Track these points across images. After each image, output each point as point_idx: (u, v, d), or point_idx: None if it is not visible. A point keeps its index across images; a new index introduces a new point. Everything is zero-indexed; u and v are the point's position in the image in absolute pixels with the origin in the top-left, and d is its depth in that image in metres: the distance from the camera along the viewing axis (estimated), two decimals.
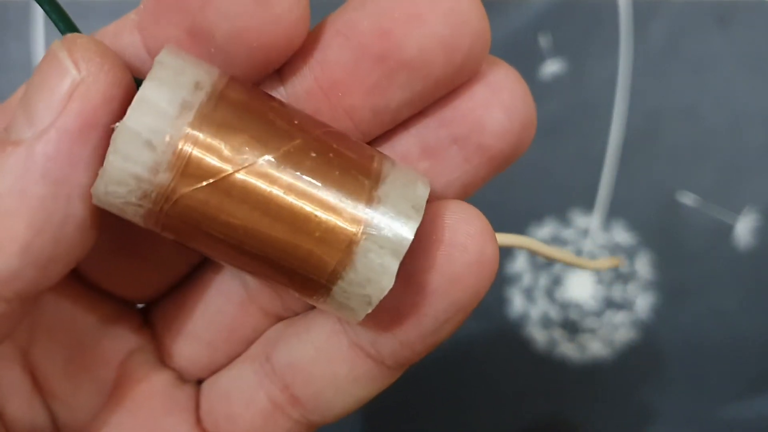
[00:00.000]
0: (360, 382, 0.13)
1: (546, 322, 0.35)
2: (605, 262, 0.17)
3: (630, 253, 0.35)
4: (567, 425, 0.35)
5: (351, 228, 0.11)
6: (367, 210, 0.11)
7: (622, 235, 0.35)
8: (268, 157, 0.11)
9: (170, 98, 0.11)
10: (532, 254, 0.16)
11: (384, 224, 0.11)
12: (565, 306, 0.35)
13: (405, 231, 0.11)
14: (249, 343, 0.15)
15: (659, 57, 0.35)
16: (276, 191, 0.11)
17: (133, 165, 0.11)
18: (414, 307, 0.12)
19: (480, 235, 0.12)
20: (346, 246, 0.11)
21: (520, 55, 0.34)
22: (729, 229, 0.34)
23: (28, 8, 0.33)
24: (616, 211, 0.35)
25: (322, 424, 0.15)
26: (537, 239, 0.35)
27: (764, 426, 0.35)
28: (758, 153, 0.35)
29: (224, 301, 0.15)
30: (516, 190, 0.34)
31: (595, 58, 0.34)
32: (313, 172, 0.11)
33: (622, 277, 0.35)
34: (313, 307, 0.14)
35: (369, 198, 0.11)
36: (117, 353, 0.16)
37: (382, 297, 0.11)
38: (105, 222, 0.12)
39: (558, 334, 0.35)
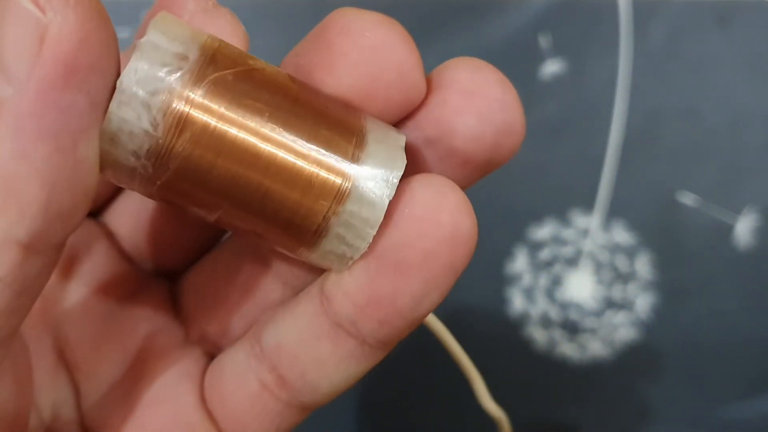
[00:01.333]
0: (344, 362, 0.13)
1: (546, 322, 0.35)
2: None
3: (630, 253, 0.35)
4: (567, 425, 0.35)
5: (344, 166, 0.11)
6: (358, 151, 0.11)
7: (622, 235, 0.35)
8: (264, 106, 0.11)
9: (170, 47, 0.11)
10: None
11: (376, 160, 0.11)
12: (565, 306, 0.35)
13: (396, 164, 0.11)
14: None
15: (659, 57, 0.35)
16: (272, 136, 0.11)
17: (135, 111, 0.11)
18: (390, 284, 0.12)
19: (454, 209, 0.12)
20: (339, 185, 0.11)
21: (520, 55, 0.34)
22: (729, 229, 0.34)
23: None
24: (616, 211, 0.35)
25: (313, 405, 0.15)
26: (537, 239, 0.35)
27: (765, 426, 0.35)
28: (758, 153, 0.35)
29: (248, 276, 0.16)
30: (516, 190, 0.34)
31: (595, 58, 0.34)
32: (306, 120, 0.11)
33: (622, 277, 0.35)
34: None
35: (358, 140, 0.12)
36: (143, 326, 0.16)
37: (377, 226, 0.11)
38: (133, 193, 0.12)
39: (558, 334, 0.35)
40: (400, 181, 0.12)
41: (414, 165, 0.13)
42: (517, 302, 0.35)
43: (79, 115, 0.10)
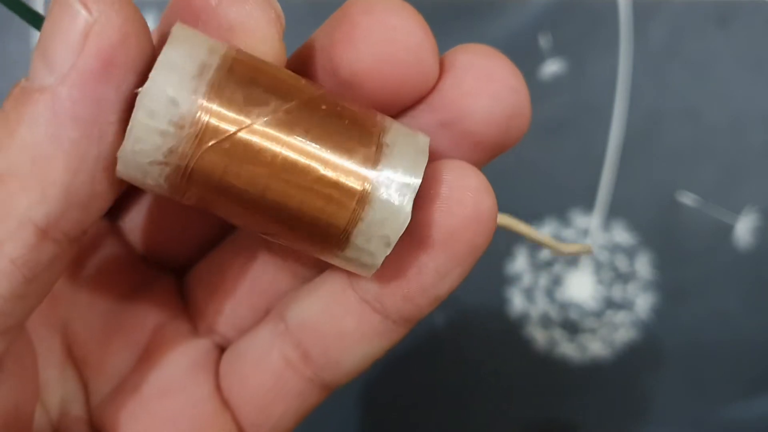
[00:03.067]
0: (367, 338, 0.14)
1: (546, 322, 0.35)
2: (576, 247, 0.18)
3: (630, 253, 0.35)
4: (567, 425, 0.35)
5: (365, 173, 0.12)
6: (379, 156, 0.12)
7: (622, 235, 0.35)
8: (284, 114, 0.11)
9: (190, 59, 0.11)
10: (508, 230, 0.17)
11: (396, 167, 0.11)
12: (565, 306, 0.35)
13: (416, 170, 0.11)
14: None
15: (659, 57, 0.35)
16: (294, 143, 0.11)
17: (159, 121, 0.11)
18: (415, 261, 0.13)
19: (477, 190, 0.12)
20: (361, 191, 0.11)
21: (520, 55, 0.34)
22: (729, 229, 0.34)
23: (30, 5, 0.33)
24: (616, 211, 0.35)
25: (334, 384, 0.15)
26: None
27: (765, 427, 0.35)
28: (758, 153, 0.35)
29: (257, 268, 0.16)
30: (516, 190, 0.34)
31: (595, 58, 0.34)
32: (326, 127, 0.12)
33: (622, 277, 0.35)
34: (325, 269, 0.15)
35: (378, 146, 0.12)
36: (151, 319, 0.16)
37: (401, 233, 0.12)
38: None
39: (558, 334, 0.35)
40: (426, 164, 0.12)
41: (431, 148, 0.13)
42: (517, 302, 0.35)
43: (110, 108, 0.11)
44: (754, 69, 0.35)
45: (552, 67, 0.34)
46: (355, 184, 0.12)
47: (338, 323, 0.14)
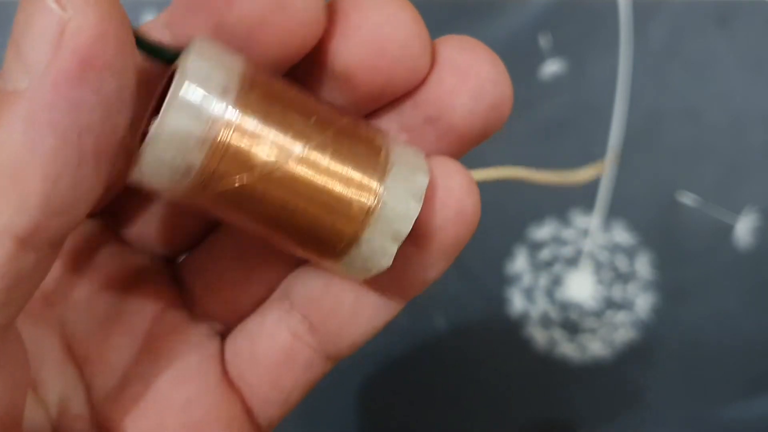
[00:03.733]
0: (367, 312, 0.15)
1: (546, 322, 0.35)
2: (587, 172, 0.18)
3: (630, 253, 0.35)
4: (567, 425, 0.35)
5: (376, 187, 0.12)
6: (382, 171, 0.12)
7: (622, 235, 0.35)
8: (300, 147, 0.12)
9: (211, 74, 0.11)
10: (516, 181, 0.17)
11: (400, 180, 0.12)
12: (565, 306, 0.35)
13: (418, 181, 0.12)
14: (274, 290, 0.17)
15: (659, 57, 0.35)
16: (309, 175, 0.12)
17: (185, 131, 0.11)
18: (402, 253, 0.13)
19: (461, 188, 0.13)
20: (369, 206, 0.12)
21: (521, 55, 0.34)
22: (729, 229, 0.34)
23: None
24: (616, 212, 0.35)
25: (339, 355, 0.16)
26: (537, 239, 0.35)
27: (765, 427, 0.35)
28: (758, 153, 0.35)
29: (254, 253, 0.16)
30: (516, 190, 0.35)
31: (595, 58, 0.35)
32: (336, 143, 0.12)
33: (622, 277, 0.35)
34: None
35: (383, 161, 0.12)
36: (149, 309, 0.16)
37: (401, 240, 0.12)
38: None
39: (558, 334, 0.35)
40: None
41: (414, 142, 0.14)
42: (517, 302, 0.35)
43: (88, 111, 0.11)
44: (754, 69, 0.35)
45: (552, 67, 0.35)
46: (366, 200, 0.12)
47: (342, 299, 0.15)
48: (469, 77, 0.13)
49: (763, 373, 0.35)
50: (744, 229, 0.34)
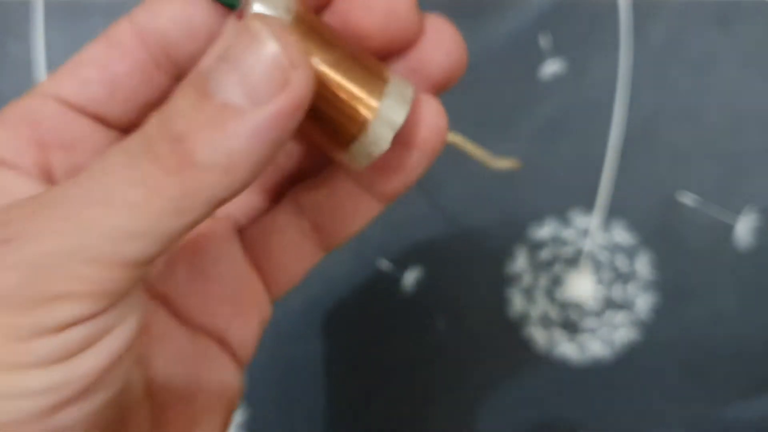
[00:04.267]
0: (361, 211, 0.19)
1: (546, 322, 0.35)
2: (504, 162, 0.23)
3: (630, 253, 0.35)
4: (567, 425, 0.35)
5: (374, 102, 0.17)
6: (383, 83, 0.17)
7: (622, 235, 0.35)
8: (330, 56, 0.16)
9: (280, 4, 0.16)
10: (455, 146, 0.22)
11: (395, 91, 0.17)
12: (565, 306, 0.35)
13: (405, 103, 0.17)
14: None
15: (659, 57, 0.35)
16: (334, 76, 0.16)
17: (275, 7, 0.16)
18: (397, 154, 0.18)
19: (437, 109, 0.18)
20: (370, 110, 0.17)
21: (521, 55, 0.35)
22: (729, 229, 0.35)
23: (28, 8, 0.33)
24: (616, 211, 0.35)
25: (336, 246, 0.20)
26: (537, 239, 0.35)
27: (765, 427, 0.35)
28: (758, 153, 0.35)
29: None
30: (517, 190, 0.35)
31: (595, 58, 0.35)
32: (355, 61, 0.17)
33: (622, 277, 0.35)
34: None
35: (384, 78, 0.17)
36: None
37: (397, 128, 0.17)
38: None
39: (558, 334, 0.35)
40: None
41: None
42: (517, 302, 0.35)
43: (283, 139, 0.14)
44: (755, 69, 0.35)
45: (552, 67, 0.35)
46: (374, 98, 0.17)
47: (340, 203, 0.19)
48: (443, 43, 0.18)
49: (763, 373, 0.35)
50: (744, 229, 0.35)
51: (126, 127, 0.17)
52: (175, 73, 0.17)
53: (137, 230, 0.13)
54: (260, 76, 0.14)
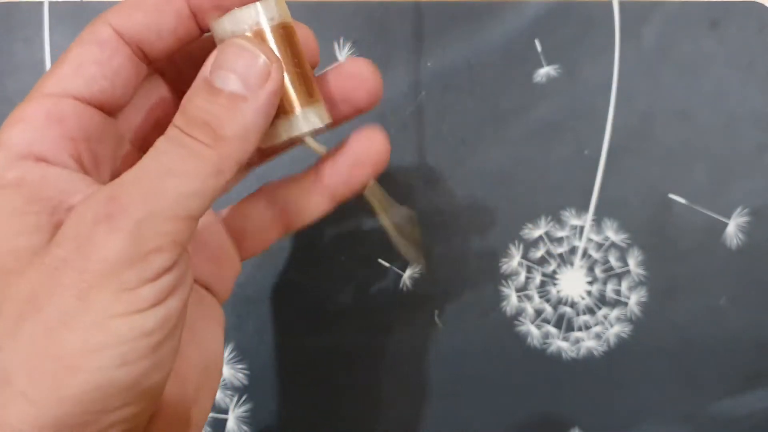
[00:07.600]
0: (315, 203, 0.24)
1: (540, 319, 0.35)
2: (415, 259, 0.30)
3: (622, 252, 0.35)
4: (560, 421, 0.35)
5: (306, 106, 0.21)
6: (314, 102, 0.21)
7: (614, 234, 0.35)
8: (295, 65, 0.21)
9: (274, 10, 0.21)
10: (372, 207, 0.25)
11: (317, 108, 0.22)
12: (558, 303, 0.35)
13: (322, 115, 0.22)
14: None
15: (652, 59, 0.35)
16: (298, 63, 0.21)
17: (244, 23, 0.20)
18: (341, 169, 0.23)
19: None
20: (301, 109, 0.21)
21: (516, 58, 0.35)
22: (720, 229, 0.35)
23: (35, 10, 0.33)
24: (609, 212, 0.35)
25: (292, 230, 0.24)
26: (531, 239, 0.35)
27: (755, 422, 0.35)
28: (749, 154, 0.35)
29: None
30: (511, 191, 0.35)
31: (589, 62, 0.35)
32: (302, 78, 0.21)
33: (614, 275, 0.35)
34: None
35: (316, 98, 0.22)
36: None
37: (319, 126, 0.21)
38: None
39: (552, 331, 0.35)
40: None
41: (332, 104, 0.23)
42: (512, 299, 0.35)
43: (270, 117, 0.19)
44: (746, 70, 0.35)
45: (547, 71, 0.35)
46: (300, 104, 0.21)
47: (303, 200, 0.23)
48: (366, 82, 0.23)
49: (754, 368, 0.35)
50: (734, 228, 0.35)
51: (117, 113, 0.21)
52: (147, 62, 0.20)
53: (195, 191, 0.18)
54: (251, 72, 0.18)
